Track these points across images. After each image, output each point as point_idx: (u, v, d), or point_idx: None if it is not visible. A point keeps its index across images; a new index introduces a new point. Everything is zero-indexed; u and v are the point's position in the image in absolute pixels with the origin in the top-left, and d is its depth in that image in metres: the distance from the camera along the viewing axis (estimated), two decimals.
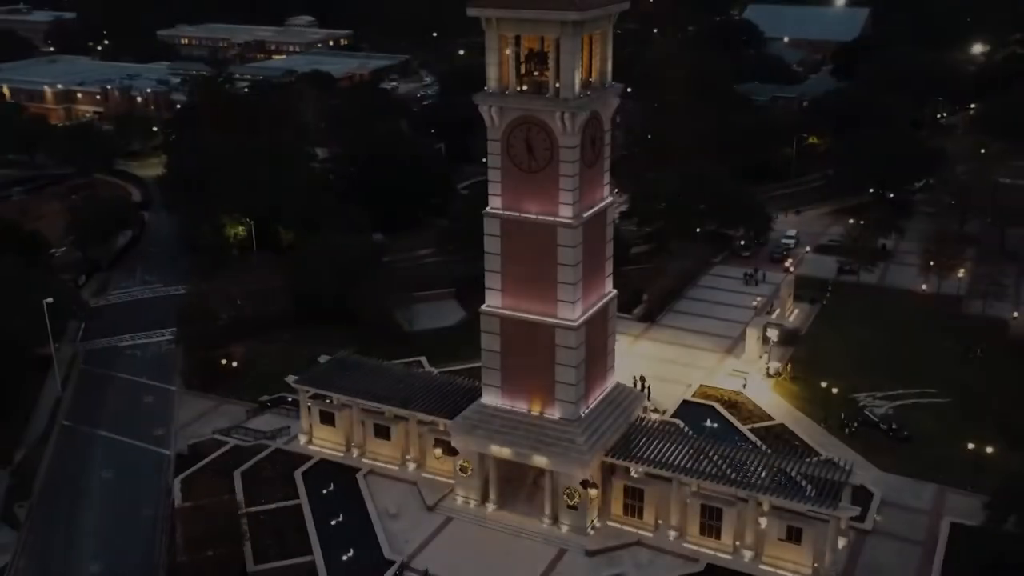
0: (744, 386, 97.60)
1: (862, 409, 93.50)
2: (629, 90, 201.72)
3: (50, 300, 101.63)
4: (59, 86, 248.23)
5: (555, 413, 74.50)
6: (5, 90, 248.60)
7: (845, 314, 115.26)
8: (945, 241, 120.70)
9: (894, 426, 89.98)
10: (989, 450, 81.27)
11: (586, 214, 71.97)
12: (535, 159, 70.37)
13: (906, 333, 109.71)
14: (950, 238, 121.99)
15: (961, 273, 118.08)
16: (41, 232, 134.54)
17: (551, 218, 70.82)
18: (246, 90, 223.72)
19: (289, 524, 77.33)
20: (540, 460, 74.12)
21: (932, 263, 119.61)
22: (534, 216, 71.47)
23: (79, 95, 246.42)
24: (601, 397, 78.24)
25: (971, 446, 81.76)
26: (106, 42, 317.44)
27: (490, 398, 77.05)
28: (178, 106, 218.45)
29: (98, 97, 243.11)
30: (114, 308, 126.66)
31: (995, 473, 77.84)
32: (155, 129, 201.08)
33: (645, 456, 74.67)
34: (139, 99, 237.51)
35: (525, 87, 70.78)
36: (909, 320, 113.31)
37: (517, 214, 72.09)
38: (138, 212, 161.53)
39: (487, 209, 73.35)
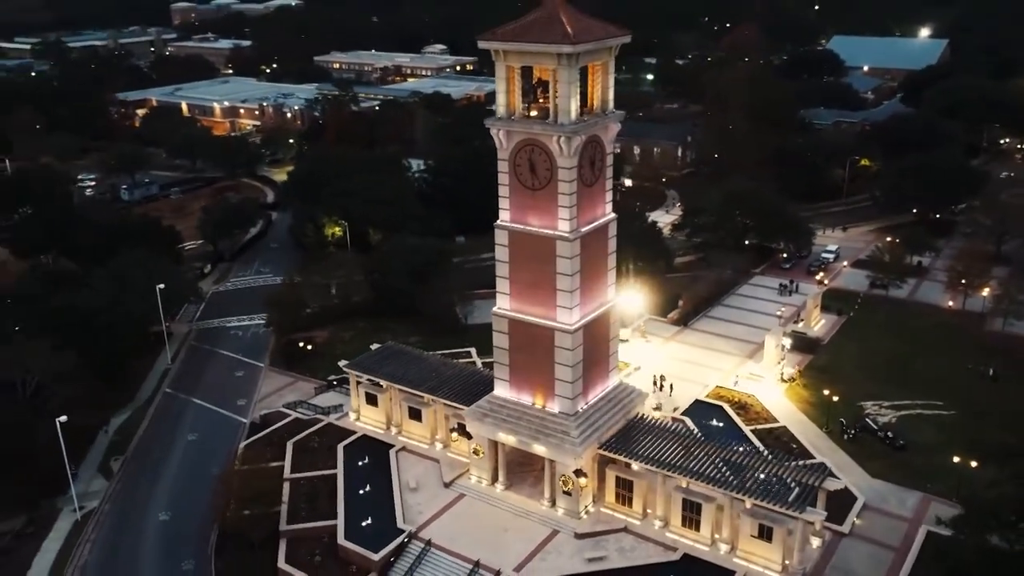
0: (735, 383, 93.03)
1: (865, 416, 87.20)
2: (709, 113, 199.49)
3: (162, 286, 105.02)
4: (226, 103, 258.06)
5: (554, 407, 71.93)
6: (184, 105, 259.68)
7: (869, 326, 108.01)
8: (972, 259, 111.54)
9: (890, 434, 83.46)
10: (974, 464, 74.24)
11: (584, 229, 68.91)
12: (537, 178, 67.84)
13: (924, 346, 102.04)
14: (978, 256, 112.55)
15: (986, 291, 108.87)
16: (175, 227, 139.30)
17: (551, 231, 68.13)
18: (377, 108, 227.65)
19: (323, 491, 76.92)
20: (539, 449, 71.67)
21: (963, 281, 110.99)
22: (536, 229, 68.94)
23: (241, 111, 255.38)
24: (601, 395, 75.00)
25: (956, 459, 74.93)
26: (275, 65, 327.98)
27: (500, 390, 74.99)
28: (320, 122, 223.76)
29: (256, 112, 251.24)
30: (230, 293, 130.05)
31: (981, 486, 71.07)
32: (291, 141, 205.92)
33: (634, 451, 71.34)
34: (288, 115, 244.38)
35: (535, 112, 68.30)
36: (930, 334, 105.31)
37: (522, 227, 69.71)
38: (266, 212, 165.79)
39: (497, 222, 71.26)
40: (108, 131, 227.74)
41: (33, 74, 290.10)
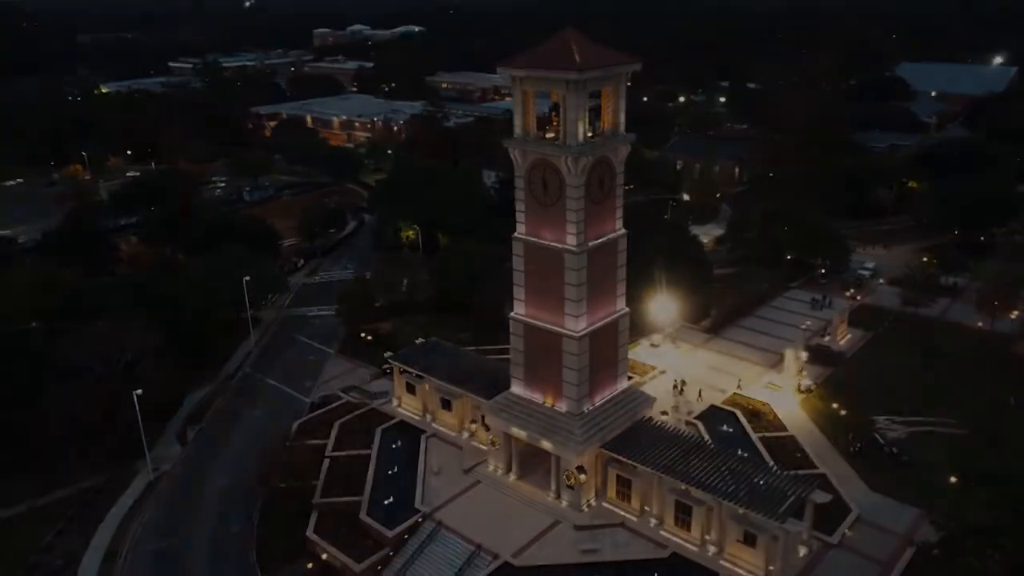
0: (739, 387, 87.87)
1: (874, 430, 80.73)
2: (770, 134, 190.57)
3: (248, 278, 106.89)
4: (343, 117, 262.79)
5: (562, 407, 69.26)
6: (308, 118, 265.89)
7: (895, 342, 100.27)
8: (1002, 281, 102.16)
9: (895, 450, 76.99)
10: (972, 484, 67.64)
11: (592, 243, 65.87)
12: (549, 194, 65.30)
13: (948, 365, 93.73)
14: (1009, 278, 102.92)
15: (1015, 313, 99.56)
16: (275, 226, 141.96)
17: (560, 244, 65.52)
18: (471, 124, 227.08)
19: (357, 469, 76.36)
20: (547, 444, 69.23)
21: (997, 302, 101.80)
22: (548, 242, 66.41)
23: (356, 124, 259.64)
24: (609, 397, 71.71)
25: (953, 480, 68.37)
26: (393, 84, 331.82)
27: (516, 388, 72.72)
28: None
29: (369, 126, 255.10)
30: (317, 286, 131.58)
31: (978, 506, 64.77)
32: (388, 152, 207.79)
33: (632, 452, 67.93)
34: (395, 128, 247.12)
35: (550, 134, 65.74)
36: (955, 353, 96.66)
37: (536, 239, 67.31)
38: (361, 214, 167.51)
39: (514, 234, 68.97)
40: (243, 140, 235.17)
41: (191, 89, 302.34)
